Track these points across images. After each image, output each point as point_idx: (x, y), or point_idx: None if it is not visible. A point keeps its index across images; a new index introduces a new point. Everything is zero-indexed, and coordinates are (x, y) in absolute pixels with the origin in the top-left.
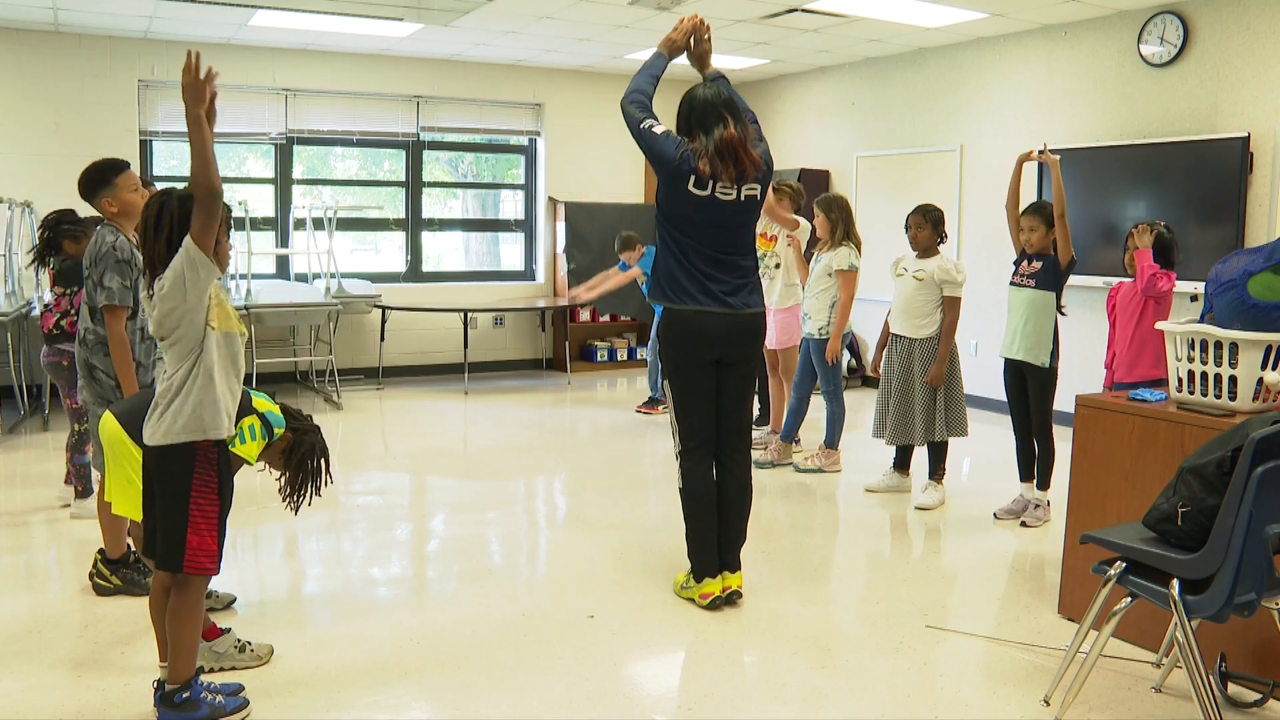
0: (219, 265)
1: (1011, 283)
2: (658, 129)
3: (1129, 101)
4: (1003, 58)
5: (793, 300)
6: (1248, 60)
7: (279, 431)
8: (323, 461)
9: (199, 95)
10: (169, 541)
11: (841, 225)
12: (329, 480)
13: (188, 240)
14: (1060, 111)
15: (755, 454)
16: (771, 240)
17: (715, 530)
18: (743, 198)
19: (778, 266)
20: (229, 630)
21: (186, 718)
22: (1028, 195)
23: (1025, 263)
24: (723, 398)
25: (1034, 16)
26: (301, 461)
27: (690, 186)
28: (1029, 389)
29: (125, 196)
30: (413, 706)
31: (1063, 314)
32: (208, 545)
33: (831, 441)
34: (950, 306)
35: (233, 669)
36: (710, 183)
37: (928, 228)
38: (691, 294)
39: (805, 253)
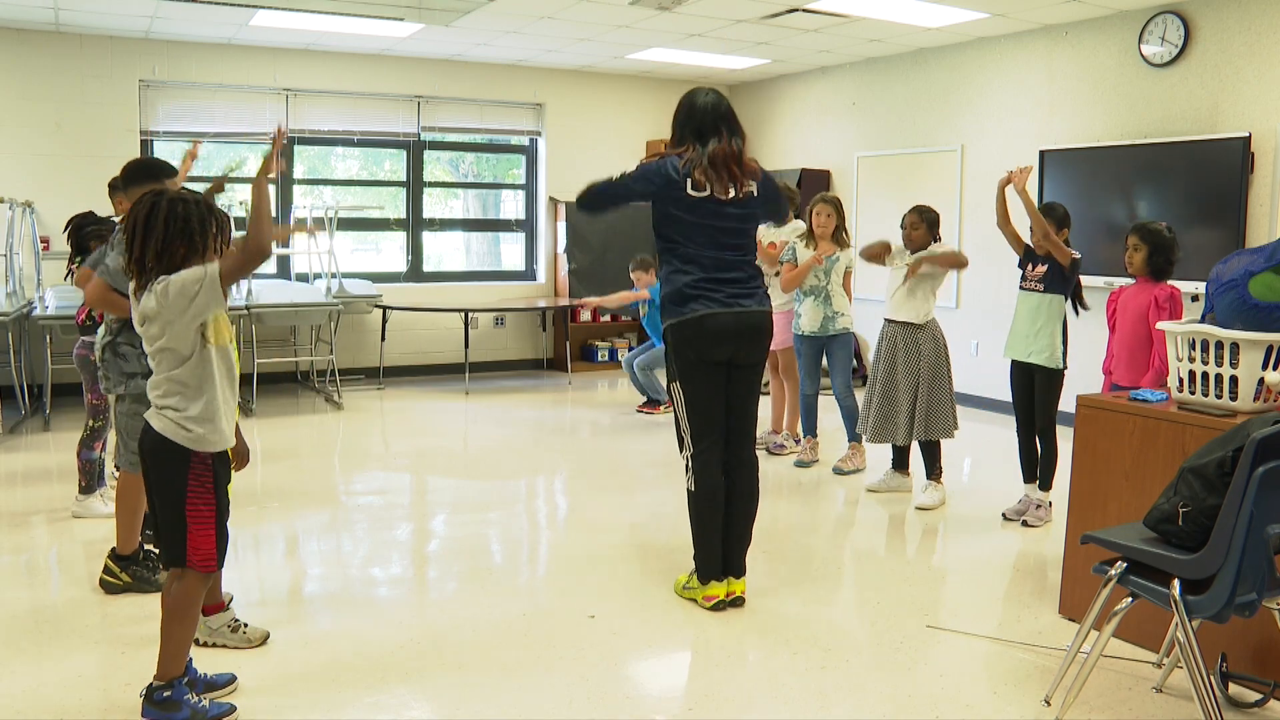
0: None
1: (1021, 287)
2: (630, 170)
3: (1129, 101)
4: (1003, 58)
5: (789, 305)
6: (1249, 60)
7: None
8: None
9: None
10: (170, 539)
11: (843, 224)
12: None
13: (213, 270)
14: (1060, 111)
15: (791, 456)
16: (771, 246)
17: (721, 533)
18: (740, 195)
19: (776, 274)
20: (229, 609)
21: (167, 716)
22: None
23: (1031, 266)
24: (732, 400)
25: (1034, 16)
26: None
27: (689, 189)
28: (1036, 390)
29: None
30: (413, 706)
31: (1080, 311)
32: (205, 545)
33: (855, 436)
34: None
35: (222, 646)
36: (708, 187)
37: (923, 226)
38: (701, 300)
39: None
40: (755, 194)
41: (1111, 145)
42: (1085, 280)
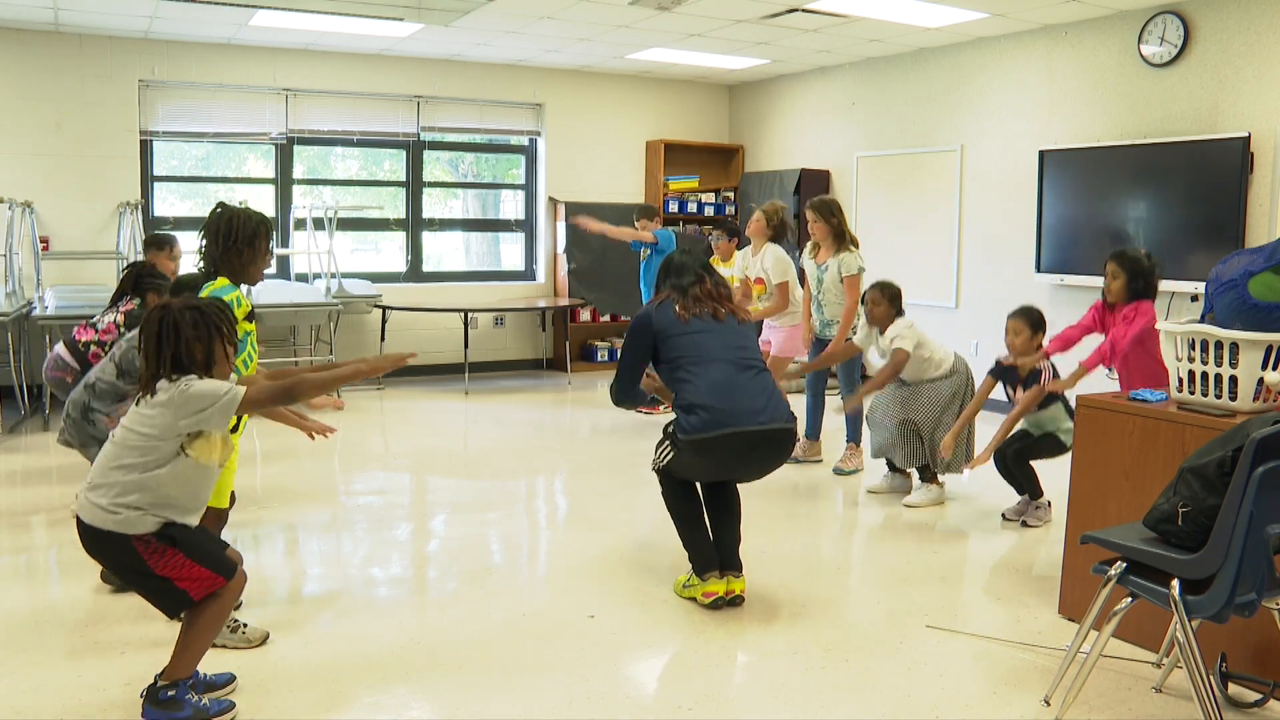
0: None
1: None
2: (624, 355)
3: (1129, 101)
4: (1003, 58)
5: (793, 321)
6: (1248, 60)
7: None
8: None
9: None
10: (163, 598)
11: (843, 228)
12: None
13: (237, 393)
14: (1060, 111)
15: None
16: (760, 283)
17: (706, 526)
18: (739, 319)
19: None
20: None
21: (169, 716)
22: (1027, 198)
23: (1014, 390)
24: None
25: (1034, 16)
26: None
27: (677, 311)
28: (1038, 438)
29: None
30: (413, 706)
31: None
32: (198, 575)
33: (854, 437)
34: (894, 357)
35: (222, 646)
36: (694, 318)
37: (884, 303)
38: (716, 416)
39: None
40: (746, 320)
41: (1111, 145)
42: (1082, 282)
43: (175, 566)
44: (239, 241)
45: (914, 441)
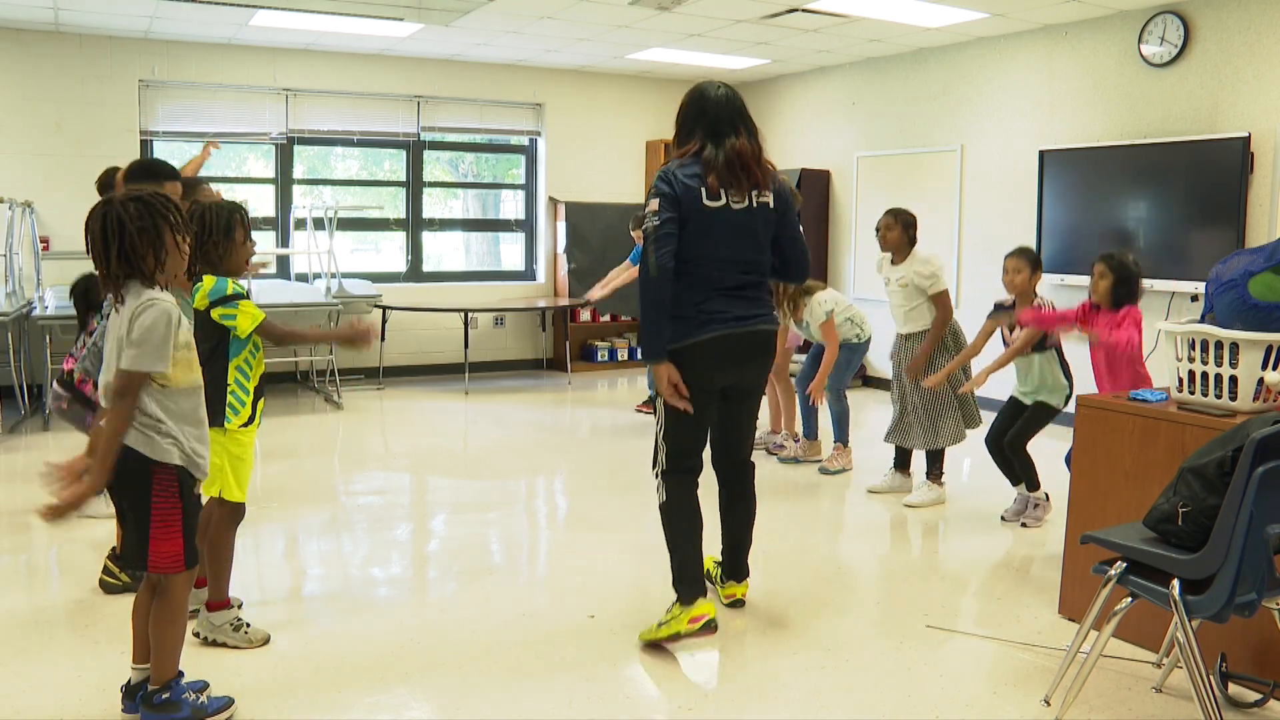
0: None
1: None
2: (650, 209)
3: (1129, 101)
4: (1003, 58)
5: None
6: (1248, 60)
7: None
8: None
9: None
10: (134, 542)
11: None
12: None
13: (163, 342)
14: (1060, 111)
15: (780, 453)
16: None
17: (701, 546)
18: (755, 204)
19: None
20: (234, 606)
21: (168, 718)
22: (1027, 198)
23: (1012, 331)
24: (731, 432)
25: (1034, 16)
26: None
27: (704, 200)
28: (1028, 410)
29: None
30: (413, 706)
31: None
32: (170, 548)
33: (842, 438)
34: (938, 302)
35: (223, 645)
36: (722, 193)
37: (897, 228)
38: (709, 324)
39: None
40: (770, 205)
41: (1111, 145)
42: (1083, 281)
43: (165, 521)
44: (214, 234)
45: (915, 422)
